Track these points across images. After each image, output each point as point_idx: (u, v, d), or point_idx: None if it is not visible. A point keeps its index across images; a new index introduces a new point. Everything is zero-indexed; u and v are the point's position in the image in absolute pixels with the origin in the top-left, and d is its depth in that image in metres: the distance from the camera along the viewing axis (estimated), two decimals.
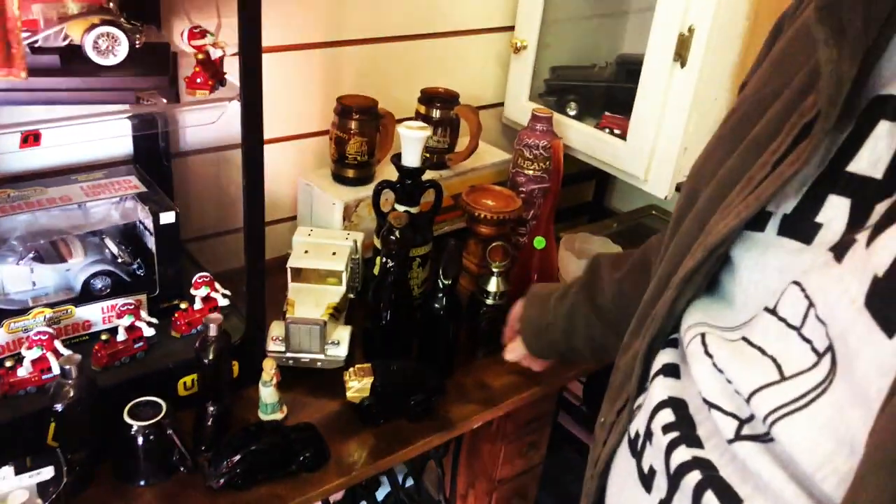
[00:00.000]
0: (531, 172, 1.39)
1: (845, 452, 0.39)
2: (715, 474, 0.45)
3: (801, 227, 0.46)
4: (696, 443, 0.48)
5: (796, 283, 0.44)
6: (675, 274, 0.54)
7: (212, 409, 0.98)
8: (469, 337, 1.20)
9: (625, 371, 0.61)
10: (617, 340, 0.80)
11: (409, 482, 1.58)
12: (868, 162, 0.44)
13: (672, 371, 0.54)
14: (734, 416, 0.46)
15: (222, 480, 0.92)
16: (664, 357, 0.55)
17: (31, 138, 0.78)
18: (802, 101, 0.48)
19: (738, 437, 0.45)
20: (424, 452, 1.09)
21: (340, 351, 1.09)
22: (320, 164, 1.39)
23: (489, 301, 1.17)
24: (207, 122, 0.87)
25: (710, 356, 0.48)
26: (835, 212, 0.44)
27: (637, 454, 0.54)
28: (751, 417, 0.45)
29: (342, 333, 1.11)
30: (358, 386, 1.03)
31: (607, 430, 0.61)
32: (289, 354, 1.10)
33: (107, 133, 1.12)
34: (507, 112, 1.61)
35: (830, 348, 0.41)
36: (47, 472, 0.77)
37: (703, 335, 0.50)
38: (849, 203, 0.44)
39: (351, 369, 1.04)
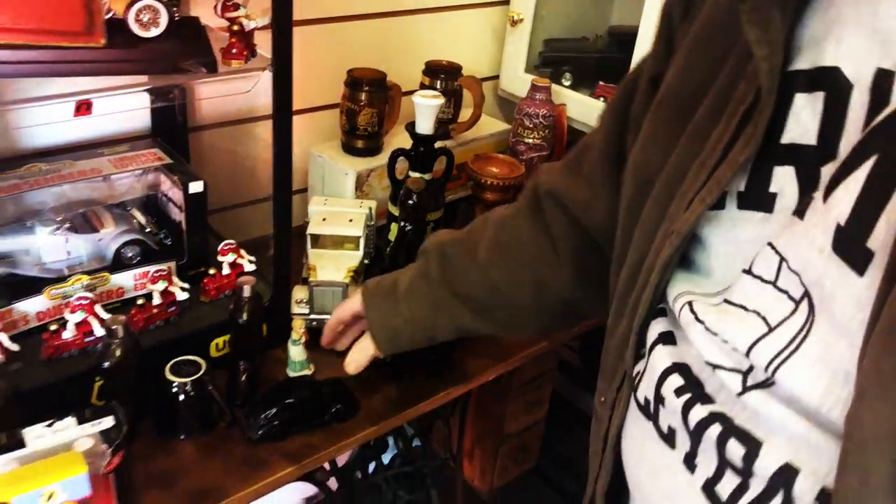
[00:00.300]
0: (531, 141, 1.45)
1: (840, 381, 0.44)
2: (732, 424, 0.50)
3: (758, 200, 0.51)
4: (708, 400, 0.52)
5: (769, 244, 0.49)
6: (649, 259, 0.58)
7: (244, 367, 1.04)
8: None
9: (616, 351, 0.64)
10: (489, 324, 0.90)
11: (416, 443, 1.65)
12: (797, 132, 0.49)
13: (669, 338, 0.57)
14: (736, 370, 0.50)
15: (260, 432, 0.97)
16: (658, 327, 0.59)
17: (83, 107, 0.82)
18: (734, 89, 0.53)
19: (745, 389, 0.49)
20: (433, 411, 1.15)
21: None
22: (328, 137, 1.44)
23: None
24: (243, 91, 0.91)
25: (701, 322, 0.52)
26: (784, 180, 0.49)
27: (652, 417, 0.58)
28: (751, 369, 0.49)
29: None
30: None
31: (610, 407, 0.65)
32: (313, 316, 1.15)
33: (129, 105, 1.15)
34: (503, 84, 1.67)
35: (806, 294, 0.46)
36: (108, 422, 0.82)
37: (689, 303, 0.54)
38: (793, 170, 0.49)
39: None
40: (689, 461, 0.53)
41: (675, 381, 0.55)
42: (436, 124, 1.19)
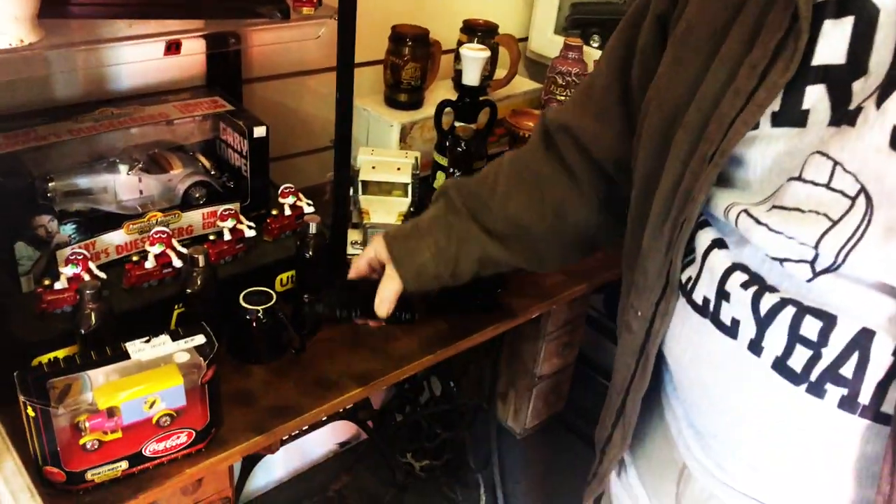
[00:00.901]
0: (563, 98, 1.51)
1: None
2: (804, 306, 0.57)
3: (792, 117, 0.57)
4: (773, 289, 0.59)
5: (818, 152, 0.55)
6: (686, 182, 0.64)
7: (310, 298, 1.11)
8: None
9: (656, 266, 0.69)
10: (510, 254, 0.92)
11: (451, 385, 1.73)
12: (827, 54, 0.56)
13: (721, 244, 0.63)
14: (803, 261, 0.57)
15: (338, 312, 0.98)
16: (706, 236, 0.64)
17: (173, 47, 0.88)
18: (764, 19, 0.60)
19: (815, 274, 0.56)
20: (467, 353, 1.22)
21: None
22: (370, 92, 1.50)
23: None
24: (311, 37, 0.97)
25: (764, 224, 0.59)
26: (816, 97, 0.56)
27: (711, 314, 0.63)
28: (816, 258, 0.56)
29: None
30: None
31: (648, 319, 0.71)
32: None
33: (188, 50, 1.20)
34: (532, 45, 1.73)
35: (862, 190, 0.53)
36: (200, 339, 0.90)
37: (745, 211, 0.60)
38: (824, 88, 0.56)
39: None
40: (755, 346, 0.60)
41: (739, 277, 0.61)
42: (482, 76, 1.25)
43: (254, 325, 1.03)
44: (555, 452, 1.76)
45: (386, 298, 0.93)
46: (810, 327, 0.56)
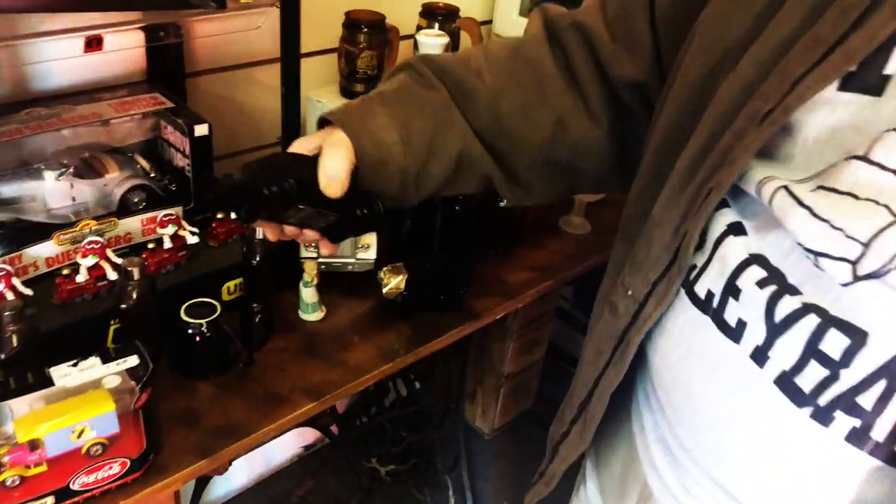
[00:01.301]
0: None
1: None
2: (830, 315, 0.48)
3: (866, 82, 0.47)
4: (794, 291, 0.50)
5: None
6: (725, 141, 0.53)
7: (258, 308, 1.04)
8: (482, 236, 1.28)
9: (663, 241, 0.59)
10: (493, 162, 0.72)
11: (417, 386, 1.67)
12: None
13: (738, 229, 0.54)
14: (844, 259, 0.46)
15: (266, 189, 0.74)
16: (722, 220, 0.55)
17: (94, 42, 0.80)
18: None
19: (856, 278, 0.46)
20: (433, 354, 1.17)
21: (370, 254, 1.16)
22: (324, 82, 1.42)
23: (501, 203, 1.25)
24: (251, 27, 0.90)
25: (807, 207, 0.48)
26: None
27: (713, 311, 0.55)
28: (861, 257, 0.46)
29: (370, 238, 1.17)
30: (393, 283, 1.10)
31: (639, 302, 0.61)
32: (321, 259, 1.15)
33: (125, 43, 1.12)
34: (497, 28, 1.66)
35: None
36: (133, 360, 0.83)
37: (785, 188, 0.49)
38: None
39: (385, 268, 1.11)
40: (760, 355, 0.52)
41: (756, 272, 0.52)
42: None
43: (197, 339, 0.97)
44: (525, 450, 1.72)
45: (334, 174, 0.64)
46: (833, 343, 0.48)
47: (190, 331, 0.96)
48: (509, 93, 0.71)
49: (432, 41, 1.15)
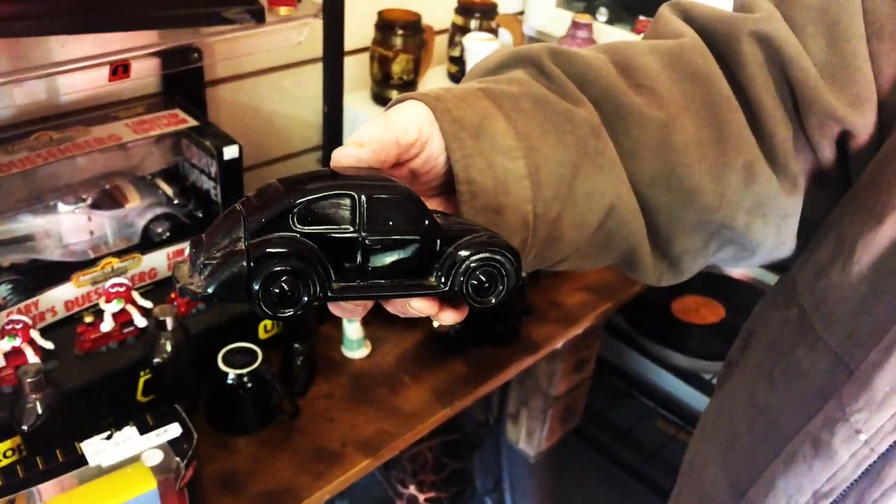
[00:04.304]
0: None
1: None
2: None
3: None
4: None
5: None
6: None
7: (300, 349, 0.94)
8: None
9: None
10: (645, 224, 0.48)
11: None
12: None
13: None
14: None
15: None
16: None
17: (120, 69, 0.69)
18: None
19: None
20: None
21: None
22: (354, 87, 1.31)
23: None
24: (292, 42, 0.79)
25: None
26: None
27: None
28: None
29: None
30: None
31: (879, 453, 0.41)
32: None
33: (147, 69, 1.00)
34: (530, 21, 1.54)
35: None
36: (174, 430, 0.73)
37: None
38: None
39: None
40: None
41: None
42: None
43: (238, 392, 0.87)
44: (568, 467, 1.63)
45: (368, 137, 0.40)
46: None
47: (230, 382, 0.87)
48: (681, 121, 0.46)
49: (482, 46, 1.04)
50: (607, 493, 1.68)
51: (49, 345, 0.83)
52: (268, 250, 0.33)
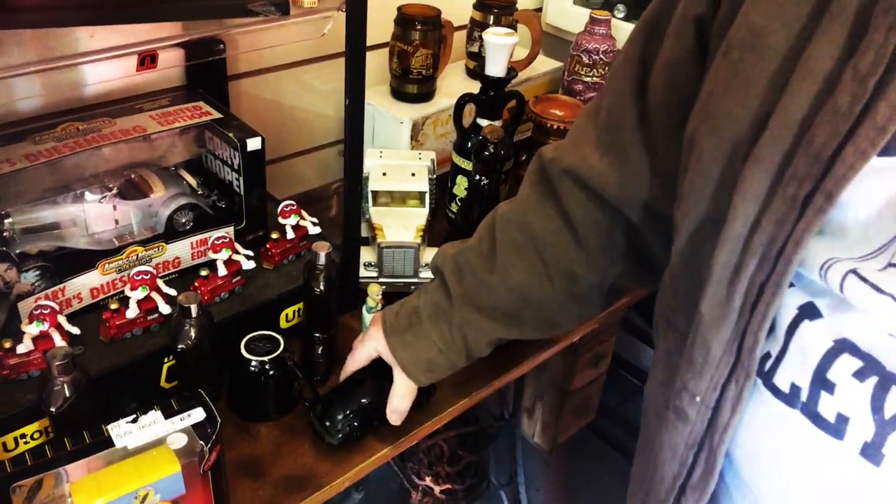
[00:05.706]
0: (589, 79, 1.35)
1: None
2: None
3: None
4: None
5: None
6: (768, 231, 0.49)
7: (320, 339, 0.95)
8: None
9: (723, 342, 0.54)
10: (525, 329, 0.81)
11: None
12: None
13: (812, 312, 0.50)
14: None
15: (340, 436, 0.86)
16: (791, 302, 0.51)
17: (147, 60, 0.71)
18: (872, 8, 0.45)
19: None
20: None
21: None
22: (373, 82, 1.32)
23: None
24: (315, 35, 0.80)
25: (889, 294, 0.45)
26: None
27: (804, 405, 0.50)
28: None
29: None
30: None
31: (711, 406, 0.55)
32: (382, 280, 1.07)
33: (171, 59, 1.02)
34: (548, 18, 1.55)
35: None
36: (198, 414, 0.74)
37: (855, 272, 0.46)
38: None
39: None
40: (872, 452, 0.47)
41: (849, 363, 0.47)
42: (508, 65, 1.08)
43: (260, 378, 0.88)
44: (585, 465, 1.64)
45: (399, 411, 0.87)
46: None
47: (252, 369, 0.88)
48: (516, 265, 0.77)
49: (501, 41, 1.04)
50: (621, 488, 1.68)
51: (76, 330, 0.84)
52: None
